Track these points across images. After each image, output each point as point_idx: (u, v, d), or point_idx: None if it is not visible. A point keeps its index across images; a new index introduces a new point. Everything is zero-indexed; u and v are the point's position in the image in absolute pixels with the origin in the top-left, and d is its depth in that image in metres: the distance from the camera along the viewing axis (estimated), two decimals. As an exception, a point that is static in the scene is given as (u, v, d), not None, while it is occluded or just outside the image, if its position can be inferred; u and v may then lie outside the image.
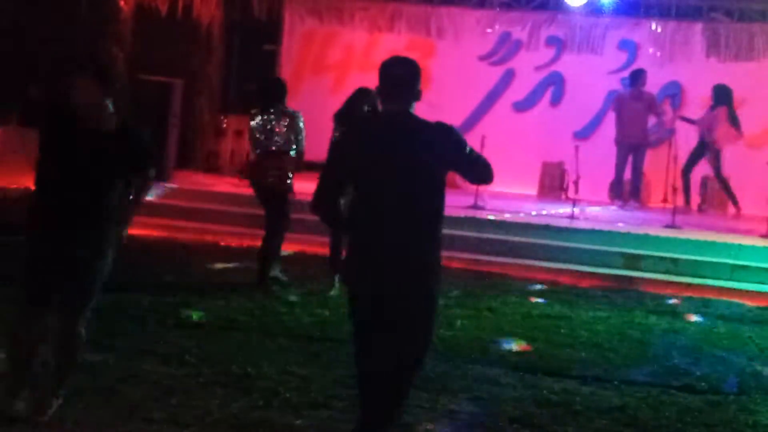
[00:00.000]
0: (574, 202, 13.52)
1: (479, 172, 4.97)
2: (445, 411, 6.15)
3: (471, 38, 16.60)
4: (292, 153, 9.64)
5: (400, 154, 4.74)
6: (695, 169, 15.11)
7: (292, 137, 9.65)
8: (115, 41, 13.66)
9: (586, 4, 16.09)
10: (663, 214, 13.67)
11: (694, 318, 9.68)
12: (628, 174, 15.12)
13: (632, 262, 11.68)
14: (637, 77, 14.86)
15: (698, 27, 15.89)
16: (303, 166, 9.72)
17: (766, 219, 12.94)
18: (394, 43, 16.74)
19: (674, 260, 11.68)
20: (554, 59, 16.31)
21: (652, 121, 15.19)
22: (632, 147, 14.93)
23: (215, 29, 15.75)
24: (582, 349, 8.04)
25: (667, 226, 12.87)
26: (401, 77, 4.87)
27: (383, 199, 4.77)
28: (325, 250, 10.33)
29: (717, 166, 14.85)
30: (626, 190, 15.19)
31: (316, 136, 10.39)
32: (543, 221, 12.88)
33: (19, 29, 15.18)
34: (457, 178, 5.24)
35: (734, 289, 11.00)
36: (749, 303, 10.51)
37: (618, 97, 15.18)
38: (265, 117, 9.67)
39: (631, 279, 11.15)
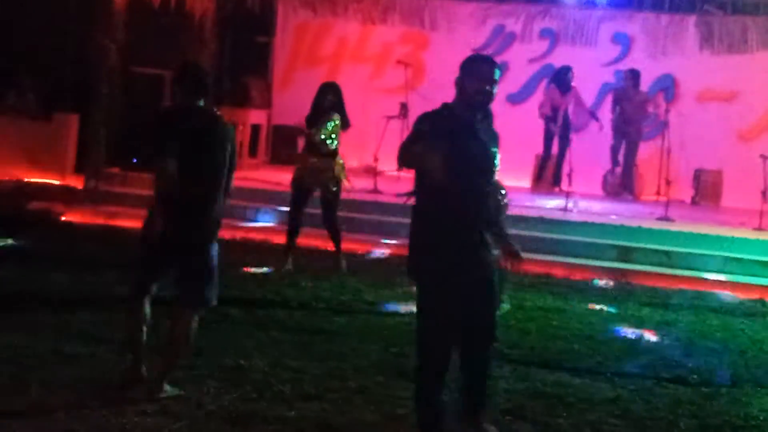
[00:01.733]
0: (568, 195, 13.51)
1: None
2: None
3: (465, 30, 16.56)
4: None
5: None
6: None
7: None
8: (108, 33, 13.60)
9: (579, -3, 16.09)
10: (656, 206, 13.67)
11: (686, 310, 9.69)
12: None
13: (625, 254, 11.68)
14: (627, 77, 15.05)
15: (691, 20, 15.85)
16: None
17: (759, 212, 12.96)
18: (387, 35, 16.74)
19: (667, 253, 11.69)
20: (548, 52, 16.27)
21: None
22: (628, 140, 15.04)
23: (208, 21, 15.68)
24: (575, 341, 8.05)
25: (660, 219, 12.87)
26: None
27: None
28: (315, 243, 10.39)
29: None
30: (619, 183, 15.25)
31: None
32: (536, 214, 12.87)
33: (10, 21, 15.15)
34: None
35: (727, 281, 11.02)
36: (741, 295, 10.52)
37: (616, 94, 15.25)
38: None
39: (624, 271, 11.15)
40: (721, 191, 15.33)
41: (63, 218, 12.34)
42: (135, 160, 13.45)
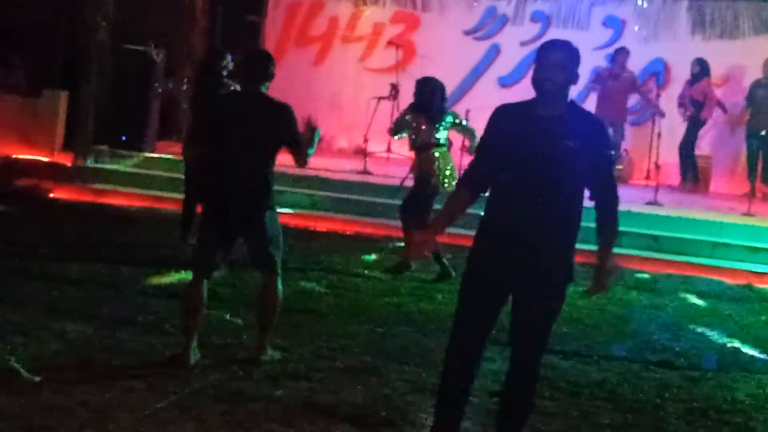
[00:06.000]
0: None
1: None
2: (427, 384, 6.15)
3: (456, 12, 16.53)
4: None
5: None
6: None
7: None
8: (98, 10, 13.53)
9: (571, -20, 16.06)
10: (645, 191, 13.68)
11: (674, 295, 9.71)
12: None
13: (614, 238, 11.67)
14: (616, 56, 14.95)
15: (684, 4, 15.85)
16: None
17: (747, 197, 12.99)
18: (378, 15, 16.69)
19: (655, 237, 11.70)
20: (540, 35, 16.22)
21: (634, 99, 15.28)
22: (612, 124, 14.93)
23: (199, -1, 15.65)
24: (563, 324, 8.02)
25: (649, 203, 12.88)
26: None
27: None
28: (305, 223, 10.36)
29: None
30: None
31: (299, 109, 10.32)
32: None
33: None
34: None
35: (714, 266, 11.04)
36: (729, 281, 10.55)
37: (598, 74, 15.17)
38: None
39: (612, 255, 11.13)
40: (711, 176, 15.34)
41: (51, 195, 12.31)
42: (124, 138, 13.41)
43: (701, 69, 14.76)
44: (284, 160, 6.52)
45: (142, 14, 14.59)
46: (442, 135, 9.58)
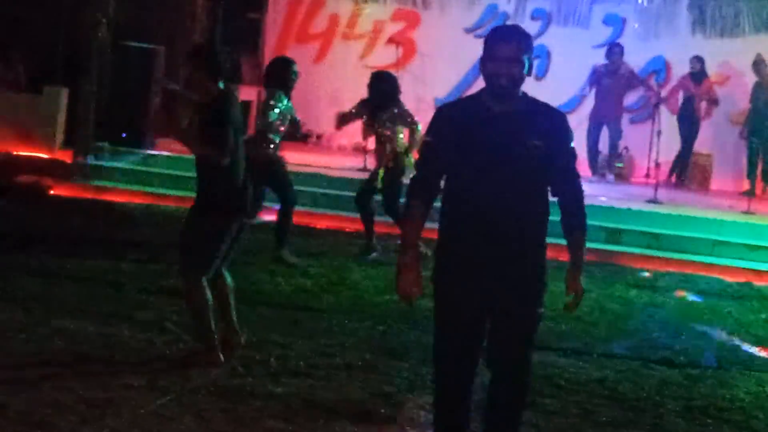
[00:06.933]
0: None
1: None
2: (426, 381, 6.15)
3: (457, 9, 16.52)
4: None
5: None
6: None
7: None
8: (99, 7, 13.53)
9: (572, -22, 16.04)
10: (645, 189, 13.68)
11: (674, 293, 9.72)
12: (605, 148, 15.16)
13: (613, 236, 11.69)
14: (609, 51, 14.89)
15: (684, 2, 15.85)
16: None
17: (747, 195, 13.00)
18: (379, 13, 16.68)
19: (655, 235, 11.71)
20: (540, 33, 16.23)
21: (633, 97, 15.28)
22: (604, 122, 14.86)
23: (199, -4, 15.66)
24: (562, 322, 8.05)
25: (649, 201, 12.89)
26: None
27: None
28: (305, 221, 10.35)
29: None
30: (605, 164, 15.16)
31: (300, 106, 10.36)
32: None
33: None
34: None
35: (715, 264, 11.05)
36: (729, 279, 10.56)
37: (595, 71, 15.15)
38: None
39: (612, 253, 11.15)
40: (711, 174, 15.35)
41: (51, 192, 12.31)
42: (124, 135, 13.41)
43: (702, 67, 14.78)
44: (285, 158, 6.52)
45: (143, 11, 14.59)
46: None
